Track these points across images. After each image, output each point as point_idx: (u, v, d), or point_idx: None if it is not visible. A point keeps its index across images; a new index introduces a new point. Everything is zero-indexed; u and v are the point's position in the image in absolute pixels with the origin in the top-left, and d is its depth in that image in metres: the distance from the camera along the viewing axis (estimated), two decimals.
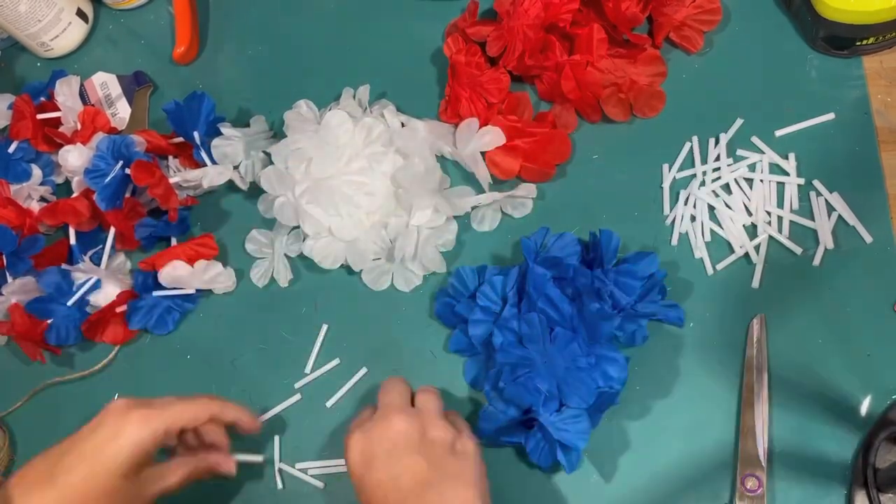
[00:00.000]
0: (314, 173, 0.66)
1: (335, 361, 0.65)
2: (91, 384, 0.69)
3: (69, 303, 0.67)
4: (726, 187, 0.64)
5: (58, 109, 0.76)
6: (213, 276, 0.67)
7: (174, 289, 0.68)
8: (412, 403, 0.56)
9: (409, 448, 0.51)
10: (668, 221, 0.65)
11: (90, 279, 0.67)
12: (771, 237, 0.62)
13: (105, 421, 0.51)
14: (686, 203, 0.64)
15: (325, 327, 0.67)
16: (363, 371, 0.65)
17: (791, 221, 0.62)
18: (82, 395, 0.68)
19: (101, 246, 0.70)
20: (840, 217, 0.62)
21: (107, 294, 0.68)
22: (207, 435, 0.58)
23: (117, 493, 0.50)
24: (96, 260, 0.69)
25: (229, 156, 0.70)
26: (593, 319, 0.57)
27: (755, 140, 0.65)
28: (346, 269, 0.68)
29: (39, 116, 0.74)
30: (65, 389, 0.69)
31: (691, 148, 0.66)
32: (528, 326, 0.58)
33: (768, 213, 0.63)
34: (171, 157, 0.73)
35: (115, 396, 0.67)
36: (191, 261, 0.68)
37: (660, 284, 0.61)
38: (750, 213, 0.63)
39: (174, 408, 0.53)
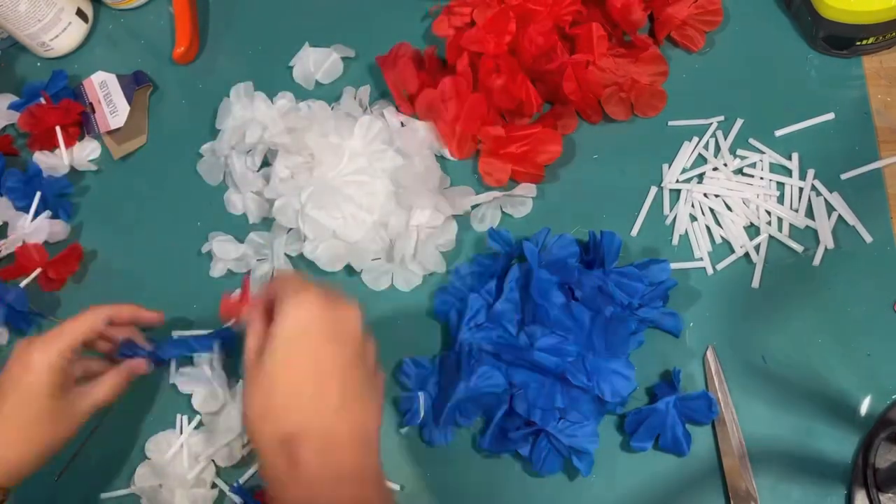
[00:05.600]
0: (317, 175, 0.66)
1: None
2: None
3: None
4: (726, 187, 0.64)
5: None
6: None
7: None
8: None
9: (357, 347, 0.49)
10: (668, 221, 0.65)
11: None
12: (771, 237, 0.62)
13: (12, 362, 0.54)
14: (686, 203, 0.64)
15: None
16: None
17: (791, 221, 0.62)
18: None
19: None
20: (840, 217, 0.62)
21: None
22: (121, 336, 0.60)
23: (50, 414, 0.53)
24: None
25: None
26: (610, 325, 0.57)
27: (755, 140, 0.65)
28: (347, 269, 0.68)
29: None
30: None
31: (692, 148, 0.66)
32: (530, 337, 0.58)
33: (768, 213, 0.63)
34: (58, 128, 0.76)
35: None
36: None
37: (664, 292, 0.61)
38: (749, 213, 0.63)
39: (67, 326, 0.56)
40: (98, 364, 0.60)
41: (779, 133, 0.65)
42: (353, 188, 0.66)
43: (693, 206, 0.64)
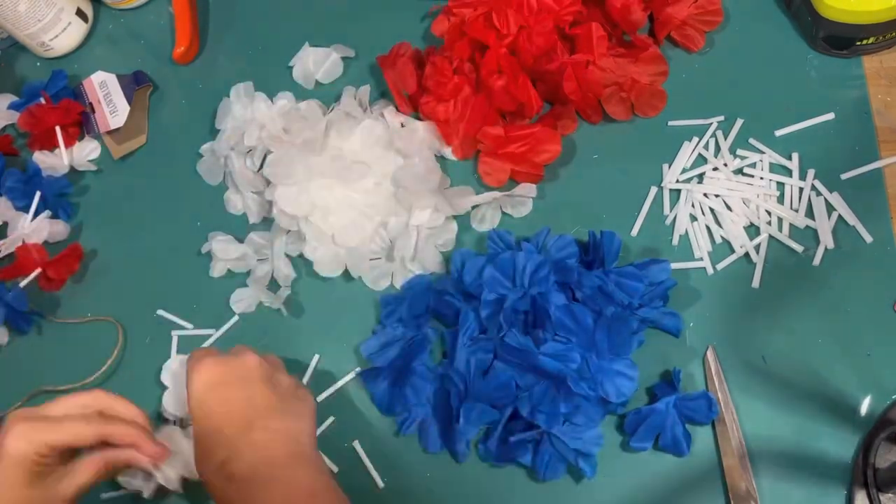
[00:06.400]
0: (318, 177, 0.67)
1: (321, 358, 0.66)
2: (87, 388, 0.68)
3: None
4: (726, 187, 0.64)
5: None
6: None
7: None
8: None
9: (261, 379, 0.56)
10: (669, 221, 0.65)
11: None
12: (771, 237, 0.62)
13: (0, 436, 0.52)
14: (686, 203, 0.64)
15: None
16: (357, 369, 0.65)
17: (791, 221, 0.62)
18: None
19: None
20: (840, 217, 0.62)
21: None
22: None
23: (24, 502, 0.50)
24: None
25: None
26: (612, 325, 0.57)
27: (755, 140, 0.65)
28: (345, 273, 0.68)
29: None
30: (62, 391, 0.69)
31: (692, 148, 0.66)
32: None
33: (768, 213, 0.63)
34: (58, 128, 0.75)
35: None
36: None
37: (664, 292, 0.61)
38: (749, 213, 0.63)
39: (61, 427, 0.52)
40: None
41: (779, 133, 0.65)
42: (356, 195, 0.66)
43: (693, 206, 0.64)
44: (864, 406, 0.57)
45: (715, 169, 0.65)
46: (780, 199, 0.63)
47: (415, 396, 0.61)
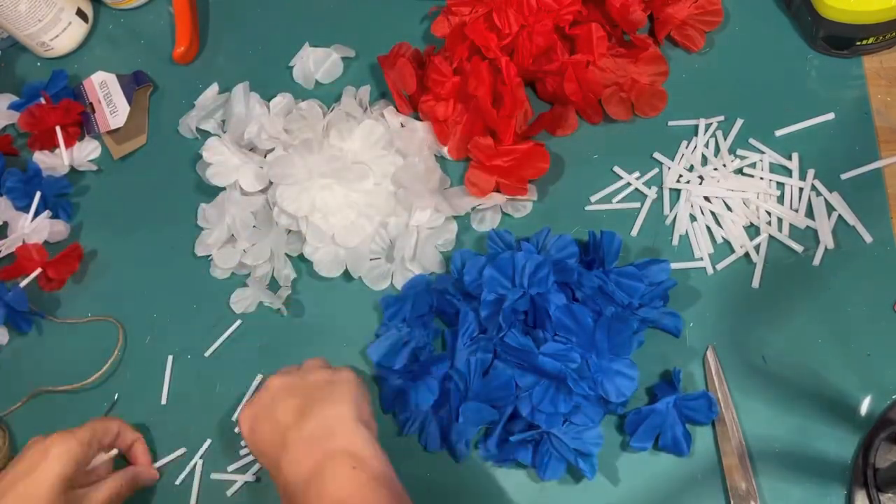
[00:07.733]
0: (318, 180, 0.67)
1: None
2: (87, 388, 0.69)
3: None
4: (726, 187, 0.64)
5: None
6: None
7: None
8: None
9: (284, 394, 0.55)
10: (668, 221, 0.65)
11: None
12: (771, 237, 0.62)
13: (26, 454, 0.56)
14: (686, 203, 0.64)
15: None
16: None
17: (791, 221, 0.62)
18: (79, 398, 0.68)
19: None
20: (840, 217, 0.62)
21: None
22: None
23: None
24: None
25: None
26: (613, 325, 0.57)
27: (755, 140, 0.65)
28: (345, 273, 0.67)
29: None
30: (62, 391, 0.69)
31: (692, 148, 0.66)
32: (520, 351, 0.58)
33: (768, 213, 0.63)
34: (58, 128, 0.76)
35: (115, 396, 0.67)
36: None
37: (664, 292, 0.61)
38: (749, 214, 0.63)
39: (84, 426, 0.59)
40: (105, 469, 0.61)
41: (779, 133, 0.65)
42: (356, 195, 0.66)
43: (693, 206, 0.64)
44: (864, 406, 0.57)
45: (715, 169, 0.65)
46: (780, 199, 0.63)
47: (419, 398, 0.61)
